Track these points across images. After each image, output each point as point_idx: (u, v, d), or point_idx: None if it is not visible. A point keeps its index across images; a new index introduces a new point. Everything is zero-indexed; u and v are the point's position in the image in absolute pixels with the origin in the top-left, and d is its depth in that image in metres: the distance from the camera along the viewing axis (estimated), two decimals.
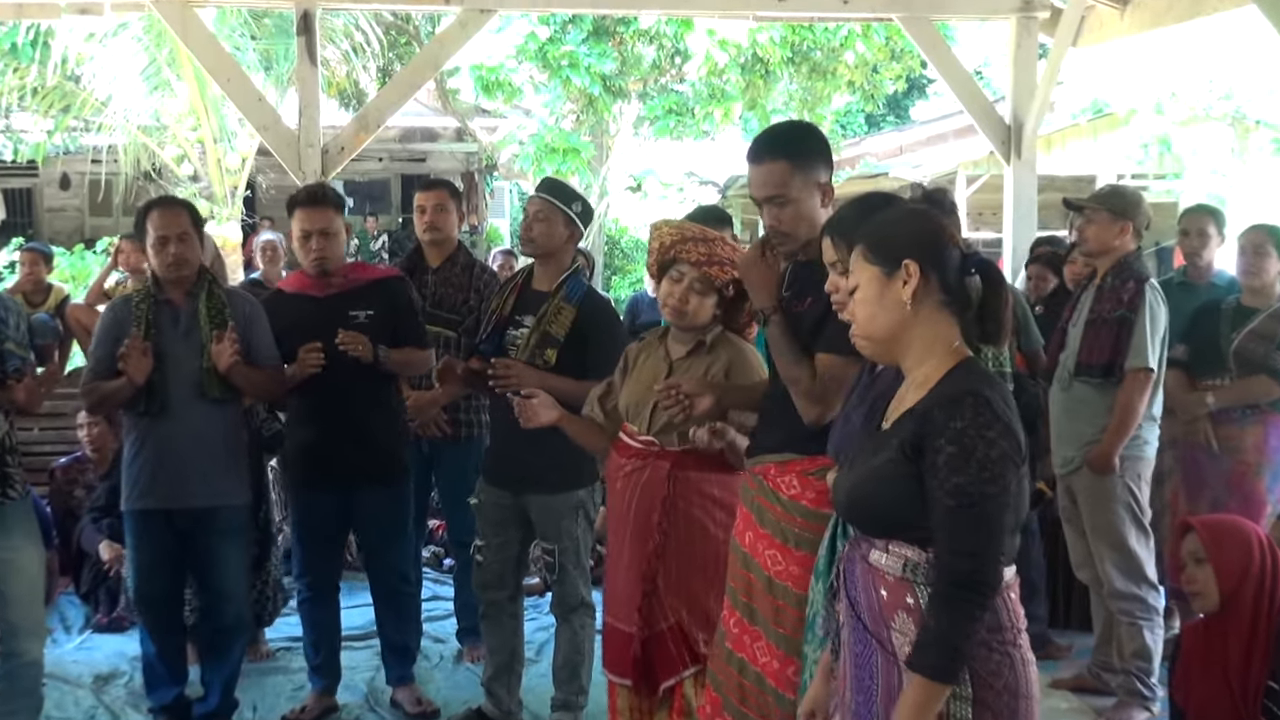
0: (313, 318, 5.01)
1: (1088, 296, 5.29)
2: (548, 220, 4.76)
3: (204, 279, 4.88)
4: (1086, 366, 5.16)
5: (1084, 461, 5.16)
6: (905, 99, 27.89)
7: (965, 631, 2.42)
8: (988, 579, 2.43)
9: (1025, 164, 8.34)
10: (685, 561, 3.95)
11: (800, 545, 3.37)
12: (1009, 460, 2.44)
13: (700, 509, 3.95)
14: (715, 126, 16.30)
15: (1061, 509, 5.46)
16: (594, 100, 15.82)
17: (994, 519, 2.43)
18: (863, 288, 2.66)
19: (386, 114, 8.25)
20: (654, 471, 3.96)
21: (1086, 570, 5.43)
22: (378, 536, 5.25)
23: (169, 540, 4.85)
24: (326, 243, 5.02)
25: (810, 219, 3.51)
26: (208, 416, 4.79)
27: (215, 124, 12.88)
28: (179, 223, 4.82)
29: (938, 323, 2.60)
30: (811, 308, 3.45)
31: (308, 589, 5.25)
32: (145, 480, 4.82)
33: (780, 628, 3.41)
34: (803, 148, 3.57)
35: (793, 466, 3.45)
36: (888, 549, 2.58)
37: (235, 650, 5.10)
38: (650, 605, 3.96)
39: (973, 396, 2.46)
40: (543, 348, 4.66)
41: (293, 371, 4.97)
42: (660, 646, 3.97)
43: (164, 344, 4.77)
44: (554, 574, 4.80)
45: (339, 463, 5.04)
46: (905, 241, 2.62)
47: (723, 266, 3.95)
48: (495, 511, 4.85)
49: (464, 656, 5.99)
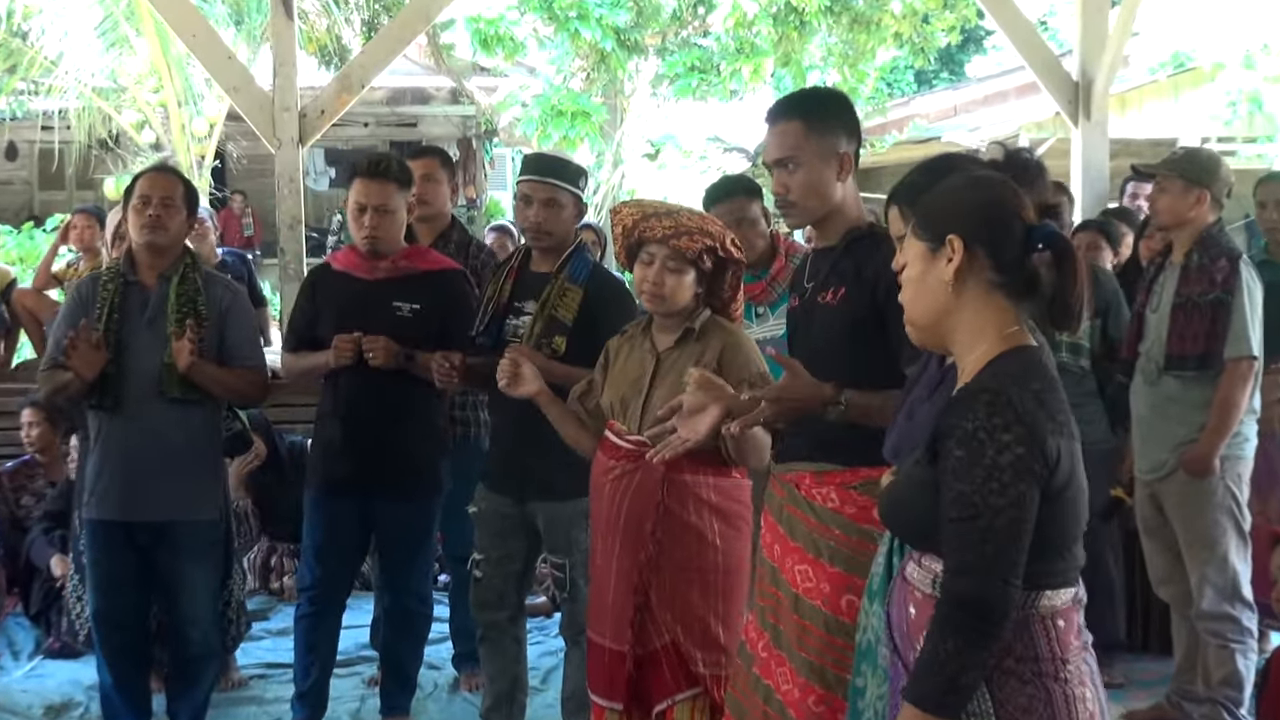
0: (353, 302, 5.03)
1: (1168, 277, 5.25)
2: (559, 205, 4.75)
3: (181, 262, 4.89)
4: (1179, 358, 5.11)
5: (1178, 464, 5.13)
6: (960, 53, 27.84)
7: (965, 661, 2.40)
8: (991, 602, 2.39)
9: (1095, 126, 8.32)
10: (681, 573, 3.95)
11: (835, 560, 3.38)
12: (1024, 468, 2.39)
13: (696, 516, 3.95)
14: (744, 86, 16.28)
15: (1143, 519, 5.43)
16: (606, 56, 15.82)
17: (1000, 534, 2.39)
18: (909, 265, 2.66)
19: (372, 73, 8.25)
20: (646, 475, 3.96)
21: (1169, 587, 5.42)
22: (398, 554, 5.28)
23: (130, 555, 4.87)
24: (382, 221, 5.01)
25: (822, 191, 3.53)
26: (171, 418, 4.79)
27: (179, 85, 12.94)
28: (166, 187, 4.85)
29: (986, 306, 2.57)
30: (844, 301, 3.44)
31: (310, 604, 5.24)
32: (102, 486, 4.83)
33: (803, 651, 3.42)
34: (822, 110, 3.59)
35: (831, 478, 3.45)
36: (920, 562, 2.59)
37: (204, 679, 5.11)
38: (643, 621, 3.97)
39: (990, 394, 2.43)
40: (550, 335, 4.66)
41: (323, 359, 4.99)
42: (654, 667, 3.98)
43: (126, 332, 4.78)
44: (565, 591, 4.80)
45: (362, 469, 5.05)
46: (953, 214, 2.60)
47: (691, 236, 3.94)
48: (497, 521, 4.85)
49: (461, 685, 6.00)
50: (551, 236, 4.77)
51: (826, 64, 16.03)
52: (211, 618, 5.11)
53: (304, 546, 5.37)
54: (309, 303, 5.22)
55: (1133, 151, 15.76)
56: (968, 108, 19.30)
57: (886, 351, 3.38)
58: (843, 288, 3.49)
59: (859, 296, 3.48)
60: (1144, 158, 6.04)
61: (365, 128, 21.48)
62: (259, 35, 13.16)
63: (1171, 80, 17.66)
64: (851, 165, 3.57)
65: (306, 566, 5.31)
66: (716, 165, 19.31)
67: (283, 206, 7.95)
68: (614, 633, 4.05)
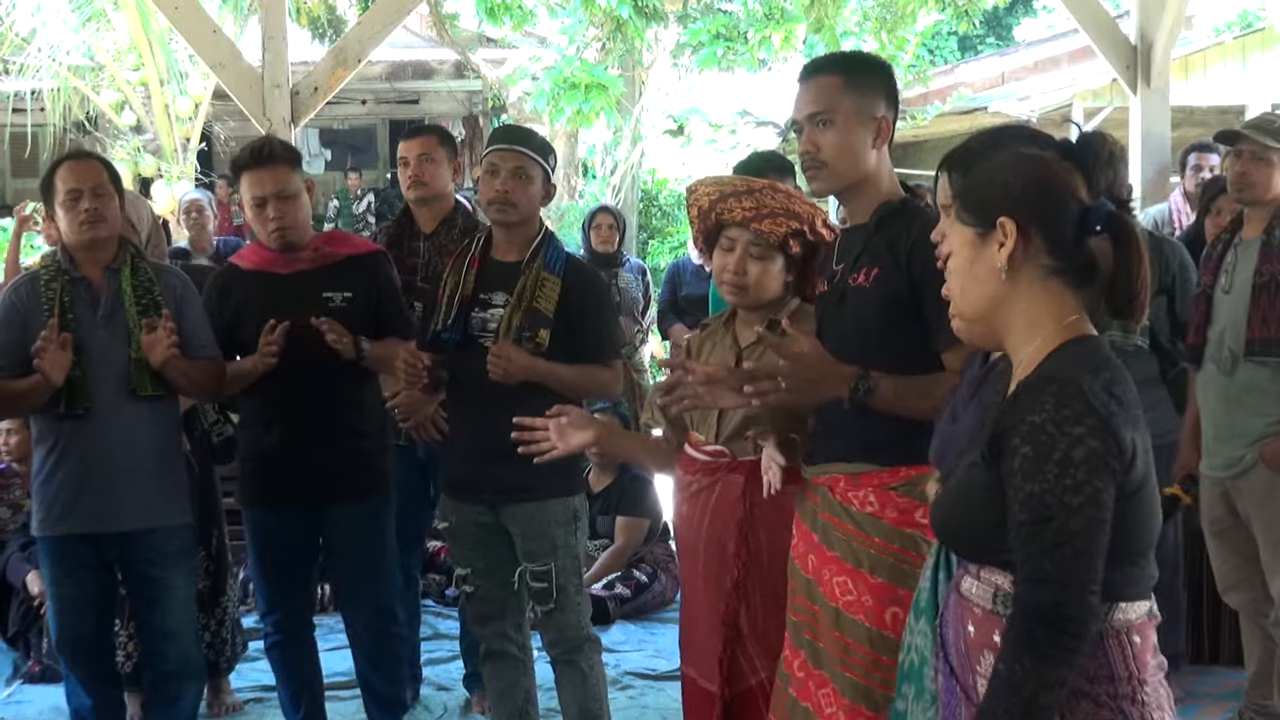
0: (278, 300, 4.99)
1: (1241, 254, 5.21)
2: (529, 178, 4.74)
3: (125, 251, 4.87)
4: (1261, 343, 5.06)
5: (1257, 460, 5.11)
6: (1008, 16, 27.78)
7: (1044, 680, 2.36)
8: (1072, 614, 2.35)
9: (1156, 93, 8.29)
10: (773, 600, 3.80)
11: (876, 570, 3.36)
12: (1100, 464, 2.36)
13: (786, 532, 3.78)
14: (773, 54, 16.25)
15: (1211, 520, 5.41)
16: (623, 24, 15.79)
17: (1077, 538, 2.35)
18: (956, 253, 2.64)
19: (369, 46, 8.26)
20: (726, 489, 3.86)
21: (1238, 593, 5.40)
22: (353, 564, 5.23)
23: (96, 571, 4.87)
24: (286, 208, 5.00)
25: (856, 153, 3.51)
26: (138, 419, 4.78)
27: (162, 63, 12.98)
28: (93, 174, 4.81)
29: (1043, 295, 2.55)
30: (877, 282, 3.42)
31: (275, 629, 5.24)
32: (65, 500, 4.80)
33: (848, 670, 3.40)
34: (863, 68, 3.60)
35: (868, 479, 3.44)
36: (979, 576, 2.56)
37: (185, 700, 5.07)
38: (734, 657, 3.88)
39: (1057, 384, 2.41)
40: (532, 328, 4.63)
41: (250, 364, 4.96)
42: (750, 707, 3.87)
43: (82, 331, 4.75)
44: (550, 602, 4.71)
45: (304, 474, 5.03)
46: (1003, 195, 2.57)
47: (775, 219, 3.86)
48: (473, 532, 4.82)
49: (473, 706, 6.01)
50: (517, 209, 4.72)
51: (863, 30, 16.00)
52: (190, 631, 5.09)
53: (252, 571, 5.36)
54: (220, 310, 5.11)
55: (1196, 120, 15.75)
56: (1016, 75, 19.20)
57: (922, 336, 3.37)
58: (875, 268, 3.47)
59: (893, 275, 3.45)
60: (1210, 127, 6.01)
61: (363, 105, 21.51)
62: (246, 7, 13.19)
63: (1238, 42, 17.56)
64: (888, 133, 3.55)
65: (260, 592, 5.31)
66: (745, 141, 19.30)
67: None
68: (703, 669, 3.98)
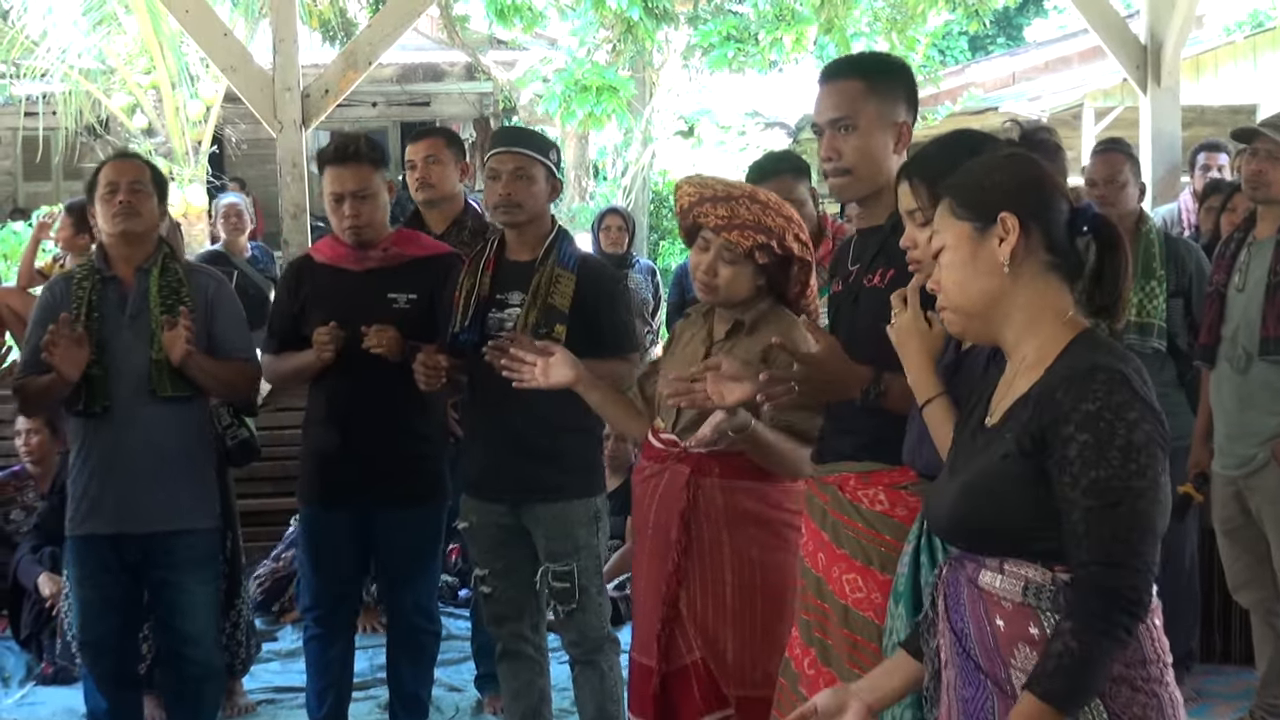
0: (344, 296, 5.03)
1: (1256, 253, 5.20)
2: (531, 178, 4.76)
3: (159, 252, 4.92)
4: (1275, 341, 5.06)
5: (1269, 458, 5.11)
6: (1018, 16, 27.71)
7: (1107, 657, 2.41)
8: (1143, 596, 2.41)
9: (1166, 92, 8.28)
10: (710, 588, 3.93)
11: (886, 567, 3.36)
12: (1157, 447, 2.43)
13: (729, 525, 3.91)
14: (784, 56, 16.24)
15: (1223, 519, 5.41)
16: (633, 26, 15.79)
17: (1145, 519, 2.41)
18: (951, 248, 2.66)
19: (380, 49, 8.28)
20: (673, 477, 3.95)
21: (1249, 592, 5.40)
22: (402, 565, 5.28)
23: (118, 573, 4.88)
24: (362, 207, 5.02)
25: (877, 160, 3.53)
26: (162, 420, 4.81)
27: (173, 66, 12.99)
28: (132, 171, 4.87)
29: (1043, 289, 2.59)
30: (893, 283, 3.43)
31: (317, 624, 5.27)
32: (89, 500, 4.84)
33: (856, 668, 3.39)
34: (885, 73, 3.62)
35: (878, 478, 3.44)
36: (1002, 569, 2.56)
37: (205, 703, 5.12)
38: (671, 636, 3.97)
39: (1105, 372, 2.45)
40: (548, 324, 4.66)
41: (311, 358, 5.00)
42: (683, 684, 3.97)
43: (107, 331, 4.79)
44: (572, 602, 4.75)
45: (362, 474, 5.06)
46: (1003, 190, 2.61)
47: (744, 231, 3.89)
48: (494, 533, 4.85)
49: (485, 707, 6.01)
50: (522, 209, 4.75)
51: (873, 30, 15.97)
52: (212, 636, 5.12)
53: (301, 565, 5.39)
54: (291, 299, 5.20)
55: (1207, 120, 15.73)
56: (1027, 75, 19.21)
57: None
58: (892, 269, 3.47)
59: (908, 277, 3.47)
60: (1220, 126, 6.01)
61: (374, 108, 21.52)
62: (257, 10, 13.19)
63: (1249, 41, 17.55)
64: (909, 138, 3.58)
65: (307, 586, 5.33)
66: (756, 142, 19.29)
67: (285, 194, 7.99)
68: (642, 646, 4.07)
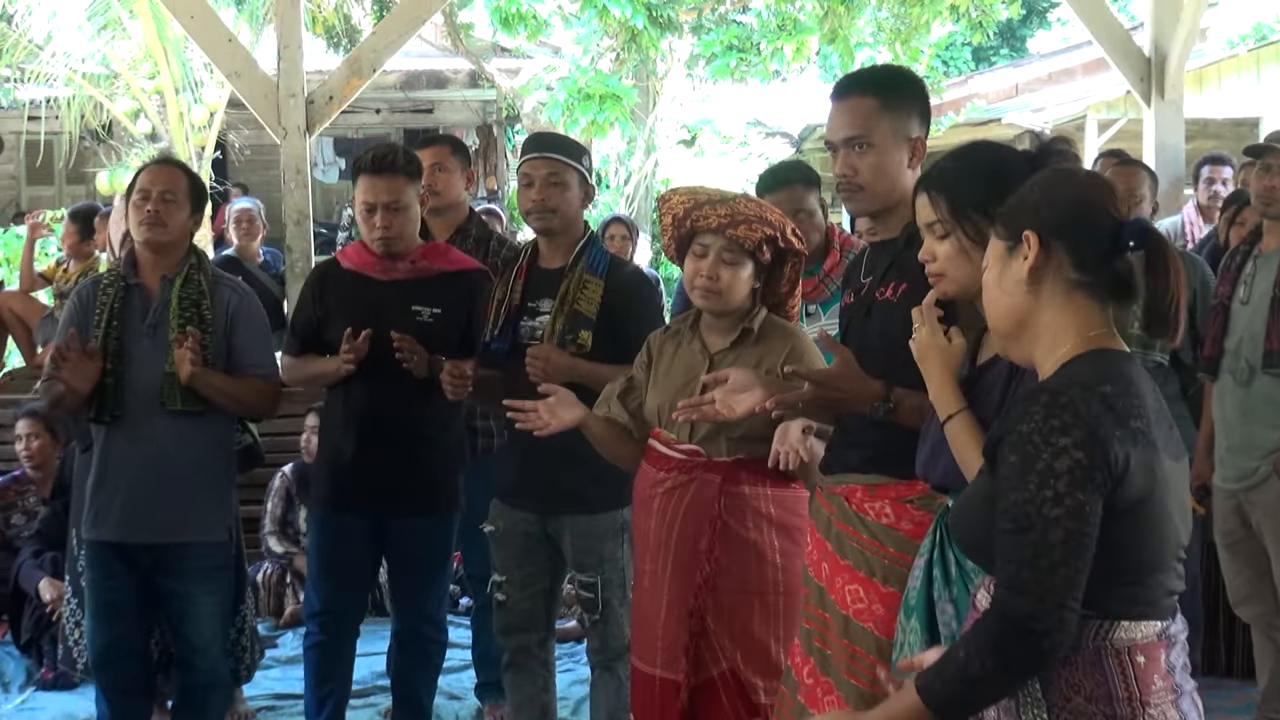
0: (368, 305, 5.03)
1: (1261, 266, 5.21)
2: (564, 184, 4.77)
3: (186, 262, 4.90)
4: (1279, 355, 5.07)
5: (1270, 472, 5.11)
6: (1022, 27, 27.74)
7: (998, 684, 2.40)
8: (1045, 627, 2.34)
9: (1170, 105, 8.29)
10: (740, 594, 3.97)
11: (889, 579, 3.37)
12: (1082, 476, 2.35)
13: (756, 531, 3.98)
14: (786, 66, 16.23)
15: (1224, 533, 5.41)
16: (637, 35, 15.79)
17: (1057, 549, 2.34)
18: (989, 266, 2.66)
19: (384, 56, 8.30)
20: (701, 487, 3.98)
21: (1250, 606, 5.40)
22: (413, 572, 5.29)
23: (130, 580, 4.89)
24: (394, 218, 5.02)
25: (892, 176, 3.54)
26: (175, 432, 4.80)
27: (177, 71, 12.98)
28: (165, 179, 4.85)
29: (1066, 308, 2.55)
30: (905, 297, 3.43)
31: (321, 630, 5.26)
32: (100, 505, 4.85)
33: (854, 678, 3.42)
34: (897, 89, 3.63)
35: (885, 492, 3.45)
36: (989, 587, 2.56)
37: (211, 710, 5.14)
38: (700, 648, 3.98)
39: (1049, 394, 2.42)
40: (574, 331, 4.67)
41: (333, 366, 5.00)
42: (711, 696, 3.98)
43: (128, 338, 4.80)
44: (596, 612, 4.79)
45: (376, 481, 5.06)
46: (1030, 208, 2.60)
47: (749, 224, 3.95)
48: (519, 540, 4.86)
49: (485, 716, 6.02)
50: (556, 215, 4.77)
51: (877, 41, 15.97)
52: (220, 645, 5.13)
53: (310, 569, 5.38)
54: (315, 303, 5.21)
55: (1211, 133, 15.73)
56: (1031, 87, 19.19)
57: None
58: (904, 283, 3.48)
59: (921, 292, 3.45)
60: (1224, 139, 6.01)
61: (377, 114, 21.53)
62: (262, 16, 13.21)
63: (1253, 54, 17.54)
64: (923, 153, 3.59)
65: (314, 590, 5.33)
66: (758, 151, 19.30)
67: (289, 200, 8.00)
68: (666, 661, 4.05)
